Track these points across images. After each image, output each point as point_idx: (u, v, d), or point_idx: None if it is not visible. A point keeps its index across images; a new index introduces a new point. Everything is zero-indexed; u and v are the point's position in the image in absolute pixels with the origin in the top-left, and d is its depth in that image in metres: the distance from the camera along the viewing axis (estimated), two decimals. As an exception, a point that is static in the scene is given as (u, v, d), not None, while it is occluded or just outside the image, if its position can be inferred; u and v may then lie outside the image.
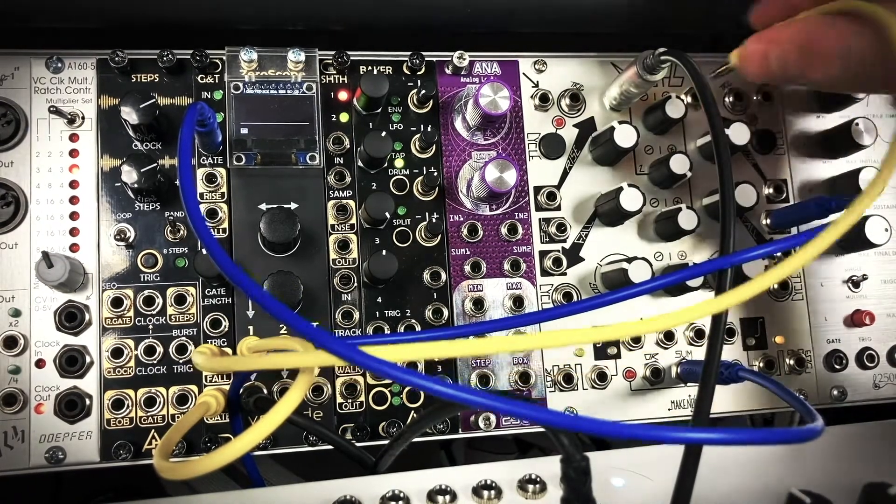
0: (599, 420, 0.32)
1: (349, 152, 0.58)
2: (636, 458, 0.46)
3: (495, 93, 0.56)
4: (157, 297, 0.53)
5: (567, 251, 0.60)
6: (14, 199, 0.52)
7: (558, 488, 0.38)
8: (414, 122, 0.59)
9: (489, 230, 0.59)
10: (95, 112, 0.55)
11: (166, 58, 0.55)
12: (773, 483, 0.43)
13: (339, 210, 0.56)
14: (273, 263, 0.55)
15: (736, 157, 0.63)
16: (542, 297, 0.59)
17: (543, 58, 0.62)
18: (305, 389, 0.36)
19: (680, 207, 0.57)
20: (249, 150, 0.55)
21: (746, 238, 0.63)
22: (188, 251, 0.54)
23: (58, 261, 0.49)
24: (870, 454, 0.48)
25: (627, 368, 0.59)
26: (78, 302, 0.52)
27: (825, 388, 0.62)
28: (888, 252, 0.65)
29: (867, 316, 0.63)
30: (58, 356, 0.51)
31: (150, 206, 0.54)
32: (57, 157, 0.54)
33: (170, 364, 0.53)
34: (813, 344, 0.63)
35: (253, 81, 0.55)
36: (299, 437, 0.54)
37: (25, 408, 0.51)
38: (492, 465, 0.44)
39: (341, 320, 0.55)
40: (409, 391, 0.56)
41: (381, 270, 0.53)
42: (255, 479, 0.51)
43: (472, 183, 0.58)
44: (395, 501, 0.41)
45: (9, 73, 0.54)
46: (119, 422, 0.52)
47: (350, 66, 0.58)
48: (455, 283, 0.58)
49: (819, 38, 0.45)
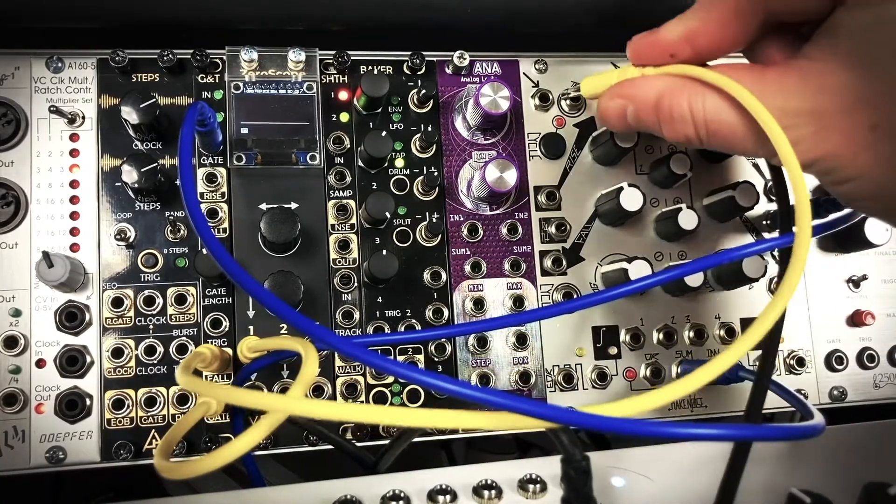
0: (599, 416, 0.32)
1: (349, 152, 0.58)
2: (636, 457, 0.46)
3: (496, 92, 0.56)
4: (158, 296, 0.53)
5: (567, 251, 0.60)
6: (14, 199, 0.52)
7: (559, 488, 0.38)
8: (414, 122, 0.59)
9: (489, 230, 0.59)
10: (96, 112, 0.55)
11: (166, 58, 0.55)
12: (773, 483, 0.43)
13: (340, 210, 0.57)
14: (273, 263, 0.55)
15: (736, 157, 0.63)
16: (542, 297, 0.59)
17: (543, 58, 0.62)
18: (306, 389, 0.37)
19: (680, 207, 0.57)
20: (250, 149, 0.55)
21: (746, 238, 0.63)
22: (189, 251, 0.54)
23: (58, 261, 0.49)
24: (870, 454, 0.48)
25: (628, 368, 0.59)
26: (78, 302, 0.52)
27: (825, 388, 0.62)
28: (888, 252, 0.65)
29: (867, 316, 0.63)
30: (58, 356, 0.51)
31: (150, 206, 0.54)
32: (57, 156, 0.54)
33: (170, 364, 0.53)
34: (813, 344, 0.63)
35: (253, 81, 0.55)
36: (299, 437, 0.54)
37: (26, 408, 0.51)
38: (492, 465, 0.44)
39: (342, 320, 0.55)
40: (409, 391, 0.56)
41: (381, 270, 0.53)
42: (256, 479, 0.51)
43: (473, 183, 0.58)
44: (395, 501, 0.41)
45: (9, 73, 0.54)
46: (119, 422, 0.52)
47: (350, 65, 0.58)
48: (455, 283, 0.58)
49: (671, 99, 0.45)
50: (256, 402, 0.34)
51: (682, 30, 0.45)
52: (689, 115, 0.45)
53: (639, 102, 0.47)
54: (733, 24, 0.45)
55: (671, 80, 0.46)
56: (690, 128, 0.45)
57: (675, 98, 0.45)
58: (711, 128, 0.44)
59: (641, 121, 0.48)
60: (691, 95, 0.45)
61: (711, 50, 0.46)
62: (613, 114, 0.49)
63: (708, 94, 0.44)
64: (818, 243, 0.64)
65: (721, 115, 0.44)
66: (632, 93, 0.48)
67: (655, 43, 0.47)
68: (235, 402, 0.37)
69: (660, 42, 0.46)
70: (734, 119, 0.44)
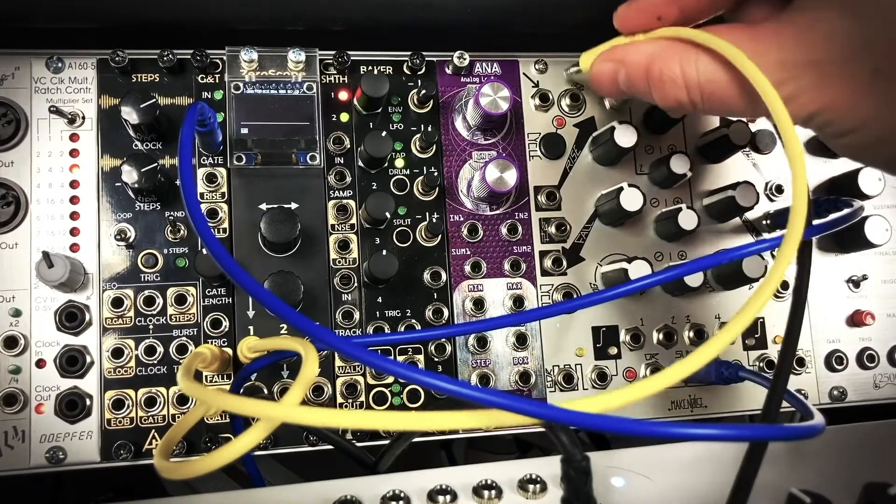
0: (600, 416, 0.32)
1: (349, 152, 0.58)
2: (636, 457, 0.46)
3: (496, 92, 0.56)
4: (158, 297, 0.53)
5: (567, 251, 0.60)
6: (14, 199, 0.52)
7: (559, 488, 0.38)
8: (414, 122, 0.59)
9: (489, 230, 0.59)
10: (96, 112, 0.55)
11: (166, 58, 0.55)
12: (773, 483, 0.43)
13: (340, 210, 0.57)
14: (273, 263, 0.55)
15: (736, 157, 0.63)
16: (542, 297, 0.59)
17: (543, 58, 0.62)
18: (306, 389, 0.36)
19: (680, 207, 0.57)
20: (250, 149, 0.55)
21: (746, 238, 0.63)
22: (189, 251, 0.54)
23: (58, 261, 0.49)
24: (870, 454, 0.48)
25: (628, 368, 0.59)
26: (78, 302, 0.52)
27: (825, 388, 0.62)
28: (888, 252, 0.65)
29: (867, 316, 0.63)
30: (58, 356, 0.51)
31: (150, 206, 0.54)
32: (57, 156, 0.54)
33: (170, 364, 0.53)
34: (813, 344, 0.63)
35: (253, 81, 0.55)
36: (299, 437, 0.54)
37: (26, 408, 0.51)
38: (492, 465, 0.44)
39: (342, 320, 0.55)
40: (409, 391, 0.56)
41: (381, 270, 0.53)
42: (256, 479, 0.51)
43: (473, 183, 0.58)
44: (395, 501, 0.41)
45: (9, 73, 0.54)
46: (119, 422, 0.52)
47: (350, 66, 0.58)
48: (455, 283, 0.58)
49: (662, 63, 0.45)
50: (251, 409, 0.34)
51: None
52: (680, 78, 0.44)
53: (629, 65, 0.46)
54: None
55: (661, 43, 0.45)
56: (682, 91, 0.44)
57: (666, 61, 0.44)
58: (706, 90, 0.44)
59: (633, 85, 0.47)
60: (683, 58, 0.44)
61: (699, 10, 0.45)
62: (606, 78, 0.49)
63: (700, 57, 0.43)
64: (818, 243, 0.64)
65: (714, 77, 0.43)
66: (622, 56, 0.47)
67: (641, 7, 0.46)
68: (230, 409, 0.37)
69: (646, 6, 0.46)
70: (728, 80, 0.43)
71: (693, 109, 0.45)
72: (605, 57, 0.49)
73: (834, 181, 0.64)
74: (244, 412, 0.35)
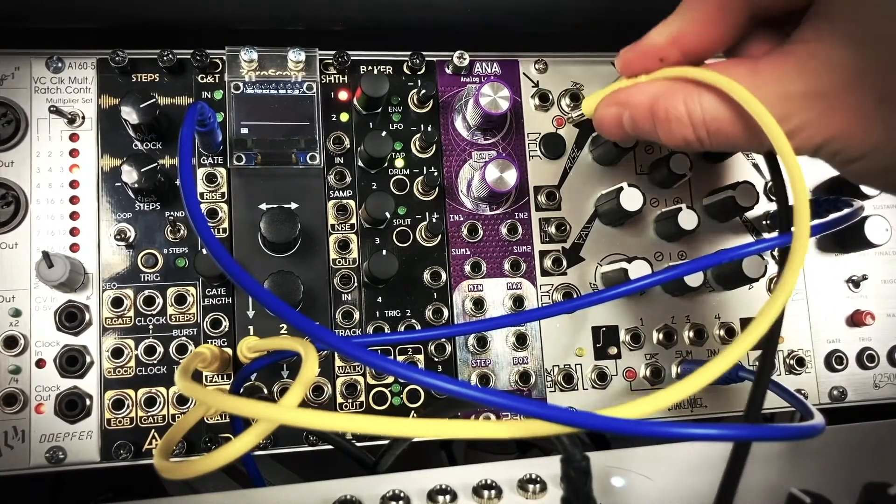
0: (600, 416, 0.32)
1: (349, 152, 0.58)
2: (636, 457, 0.46)
3: (495, 92, 0.56)
4: (158, 297, 0.53)
5: (567, 251, 0.60)
6: (14, 199, 0.52)
7: (558, 488, 0.38)
8: (414, 122, 0.59)
9: (489, 230, 0.59)
10: (95, 112, 0.55)
11: (166, 58, 0.55)
12: (773, 483, 0.43)
13: (340, 210, 0.57)
14: (273, 263, 0.55)
15: (736, 158, 0.63)
16: (542, 297, 0.59)
17: (543, 58, 0.62)
18: (305, 389, 0.37)
19: (680, 207, 0.57)
20: (249, 149, 0.55)
21: (746, 238, 0.63)
22: (188, 251, 0.54)
23: (58, 261, 0.49)
24: (870, 454, 0.48)
25: (628, 368, 0.59)
26: (78, 302, 0.52)
27: (825, 388, 0.62)
28: (888, 252, 0.65)
29: (867, 316, 0.63)
30: (58, 356, 0.51)
31: (150, 206, 0.54)
32: (57, 156, 0.54)
33: (170, 364, 0.53)
34: (813, 344, 0.63)
35: (253, 81, 0.55)
36: (299, 437, 0.54)
37: (26, 408, 0.51)
38: (492, 465, 0.44)
39: (341, 320, 0.55)
40: (409, 391, 0.56)
41: (381, 270, 0.53)
42: (256, 479, 0.51)
43: (473, 183, 0.58)
44: (395, 501, 0.41)
45: (9, 73, 0.54)
46: (119, 422, 0.52)
47: (350, 65, 0.58)
48: (455, 283, 0.58)
49: (666, 102, 0.45)
50: (250, 411, 0.34)
51: (669, 32, 0.45)
52: (685, 116, 0.44)
53: (634, 107, 0.47)
54: (720, 21, 0.44)
55: (664, 84, 0.45)
56: (689, 129, 0.44)
57: (670, 100, 0.44)
58: (712, 127, 0.44)
59: (638, 126, 0.47)
60: (687, 97, 0.44)
61: (700, 49, 0.45)
62: (610, 122, 0.49)
63: (703, 94, 0.44)
64: (818, 243, 0.64)
65: (718, 114, 0.43)
66: (626, 99, 0.47)
67: (643, 51, 0.46)
68: (229, 409, 0.37)
69: (647, 49, 0.46)
70: (733, 116, 0.43)
71: (700, 147, 0.45)
72: (608, 101, 0.49)
73: (834, 181, 0.64)
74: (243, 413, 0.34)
